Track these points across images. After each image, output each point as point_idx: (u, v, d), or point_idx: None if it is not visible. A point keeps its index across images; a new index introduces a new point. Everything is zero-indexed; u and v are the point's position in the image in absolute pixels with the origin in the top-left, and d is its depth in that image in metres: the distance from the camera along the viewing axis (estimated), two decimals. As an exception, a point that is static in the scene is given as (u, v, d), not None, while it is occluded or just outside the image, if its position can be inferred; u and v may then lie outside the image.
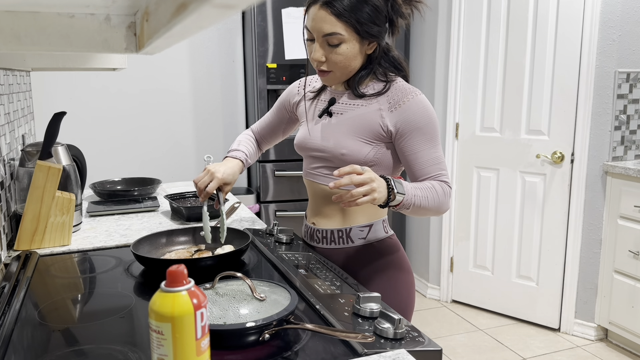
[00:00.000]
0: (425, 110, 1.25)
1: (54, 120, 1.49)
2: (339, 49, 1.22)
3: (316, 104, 1.40)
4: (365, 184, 1.08)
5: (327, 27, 1.20)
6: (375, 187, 1.09)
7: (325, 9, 1.19)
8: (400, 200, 1.15)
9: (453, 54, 3.06)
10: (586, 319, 2.80)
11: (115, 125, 3.21)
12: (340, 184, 1.07)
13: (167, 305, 0.67)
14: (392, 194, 1.13)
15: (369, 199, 1.08)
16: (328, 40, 1.22)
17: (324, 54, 1.24)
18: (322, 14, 1.20)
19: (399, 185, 1.15)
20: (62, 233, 1.47)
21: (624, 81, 2.61)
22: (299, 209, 3.15)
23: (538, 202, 2.88)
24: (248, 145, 1.54)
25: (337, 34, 1.20)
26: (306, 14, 1.25)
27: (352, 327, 0.91)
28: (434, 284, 3.36)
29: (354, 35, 1.21)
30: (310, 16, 1.23)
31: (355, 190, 1.08)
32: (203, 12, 0.39)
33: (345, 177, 1.08)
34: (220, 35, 3.35)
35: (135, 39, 0.68)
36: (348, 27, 1.20)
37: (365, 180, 1.08)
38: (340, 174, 1.09)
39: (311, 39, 1.26)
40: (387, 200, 1.14)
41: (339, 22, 1.19)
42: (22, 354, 0.87)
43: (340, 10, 1.18)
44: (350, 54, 1.23)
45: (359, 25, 1.20)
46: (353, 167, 1.09)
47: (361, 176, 1.08)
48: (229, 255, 1.22)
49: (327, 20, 1.20)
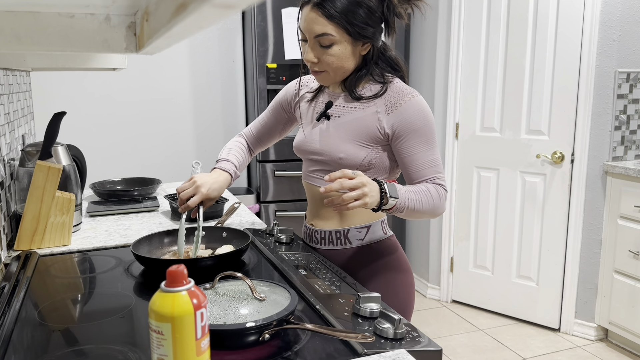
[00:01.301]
0: (422, 112, 1.24)
1: (54, 120, 1.49)
2: (331, 50, 1.22)
3: (314, 106, 1.39)
4: (356, 188, 1.08)
5: (318, 28, 1.20)
6: (367, 191, 1.09)
7: (316, 10, 1.19)
8: (393, 204, 1.15)
9: (453, 54, 3.06)
10: (586, 319, 2.80)
11: (115, 125, 3.21)
12: (331, 189, 1.07)
13: (167, 305, 0.67)
14: (384, 198, 1.13)
15: (360, 203, 1.08)
16: (320, 41, 1.22)
17: (316, 54, 1.24)
18: (313, 15, 1.20)
19: (392, 189, 1.15)
20: (62, 233, 1.47)
21: (624, 81, 2.60)
22: (299, 209, 3.15)
23: (538, 202, 2.88)
24: (238, 154, 1.50)
25: (328, 35, 1.20)
26: (299, 15, 1.25)
27: (352, 327, 0.91)
28: (434, 284, 3.36)
29: (345, 36, 1.21)
30: (302, 17, 1.23)
31: (346, 194, 1.07)
32: (203, 12, 0.39)
33: (335, 183, 1.07)
34: (220, 35, 3.35)
35: (135, 39, 0.68)
36: (339, 28, 1.20)
37: (357, 184, 1.08)
38: (331, 178, 1.08)
39: (304, 39, 1.26)
40: (379, 204, 1.14)
41: (330, 23, 1.19)
42: (22, 354, 0.87)
43: (331, 12, 1.18)
44: (342, 55, 1.23)
45: (351, 26, 1.19)
46: (344, 172, 1.09)
47: (352, 181, 1.08)
48: (229, 255, 1.22)
49: (318, 22, 1.20)
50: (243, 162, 1.51)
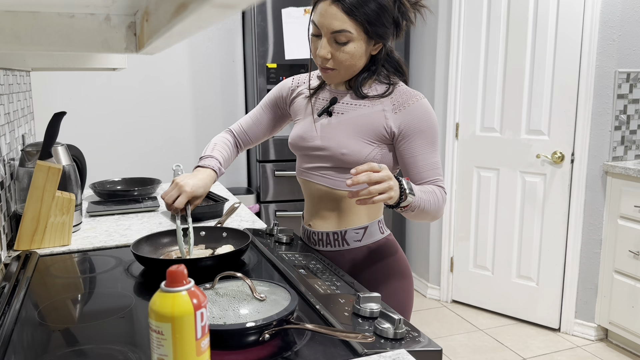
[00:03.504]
0: (429, 115, 1.25)
1: (54, 120, 1.49)
2: (346, 47, 1.21)
3: (314, 103, 1.38)
4: (383, 181, 1.07)
5: (337, 24, 1.19)
6: (392, 185, 1.08)
7: (337, 5, 1.18)
8: (410, 202, 1.15)
9: (453, 54, 3.06)
10: (586, 319, 2.80)
11: (115, 125, 3.21)
12: (358, 181, 1.05)
13: (167, 305, 0.67)
14: (403, 194, 1.12)
15: (385, 197, 1.07)
16: (336, 37, 1.20)
17: (330, 51, 1.22)
18: (332, 10, 1.18)
19: (409, 186, 1.15)
20: (62, 233, 1.47)
21: (624, 81, 2.60)
22: (299, 209, 3.15)
23: (538, 202, 2.88)
24: (223, 150, 1.46)
25: (346, 32, 1.19)
26: (314, 9, 1.23)
27: (352, 327, 0.91)
28: (434, 284, 3.36)
29: (362, 34, 1.20)
30: (319, 11, 1.21)
31: (372, 187, 1.06)
32: (203, 12, 0.39)
33: (363, 175, 1.05)
34: (220, 35, 3.35)
35: (135, 39, 0.68)
36: (358, 25, 1.19)
37: (384, 177, 1.07)
38: (358, 171, 1.06)
39: (317, 35, 1.24)
40: (399, 200, 1.13)
41: (350, 19, 1.18)
42: (22, 354, 0.86)
43: (351, 8, 1.17)
44: (356, 53, 1.22)
45: (369, 24, 1.19)
46: (371, 165, 1.07)
47: (379, 174, 1.06)
48: (229, 255, 1.22)
49: (337, 17, 1.18)
50: (228, 157, 1.47)
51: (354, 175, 1.06)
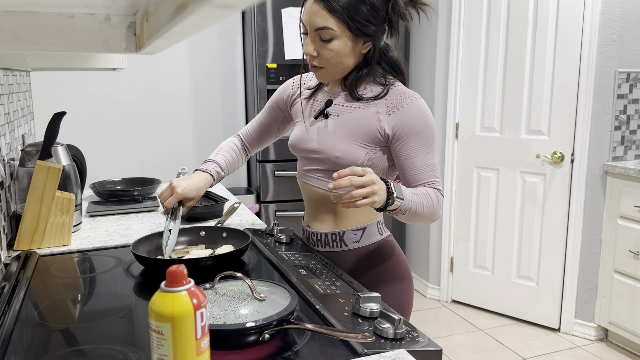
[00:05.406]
0: (424, 115, 1.24)
1: (54, 120, 1.49)
2: (331, 45, 1.21)
3: (312, 104, 1.37)
4: (366, 186, 1.06)
5: (319, 21, 1.19)
6: (376, 189, 1.07)
7: (319, 3, 1.19)
8: (399, 205, 1.14)
9: (453, 54, 3.06)
10: (586, 319, 2.80)
11: (115, 125, 3.21)
12: (340, 185, 1.05)
13: (167, 305, 0.67)
14: (391, 198, 1.12)
15: (368, 201, 1.06)
16: (320, 34, 1.21)
17: (315, 48, 1.23)
18: (315, 8, 1.20)
19: (398, 190, 1.14)
20: (62, 233, 1.47)
21: (624, 81, 2.61)
22: (299, 209, 3.15)
23: (538, 202, 2.88)
24: (227, 154, 1.50)
25: (329, 29, 1.19)
26: (302, 7, 1.25)
27: (352, 327, 0.91)
28: (434, 284, 3.36)
29: (346, 32, 1.20)
30: (305, 9, 1.23)
31: (355, 191, 1.06)
32: (203, 12, 0.39)
33: (345, 179, 1.06)
34: (220, 35, 3.35)
35: (135, 39, 0.68)
36: (340, 23, 1.19)
37: (366, 182, 1.06)
38: (340, 175, 1.07)
39: (306, 33, 1.25)
40: (385, 203, 1.12)
41: (332, 17, 1.18)
42: (22, 354, 0.87)
43: (333, 6, 1.17)
44: (342, 50, 1.22)
45: (352, 22, 1.18)
46: (353, 169, 1.07)
47: (362, 178, 1.06)
48: (229, 255, 1.22)
49: (319, 14, 1.19)
50: (232, 162, 1.51)
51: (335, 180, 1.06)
